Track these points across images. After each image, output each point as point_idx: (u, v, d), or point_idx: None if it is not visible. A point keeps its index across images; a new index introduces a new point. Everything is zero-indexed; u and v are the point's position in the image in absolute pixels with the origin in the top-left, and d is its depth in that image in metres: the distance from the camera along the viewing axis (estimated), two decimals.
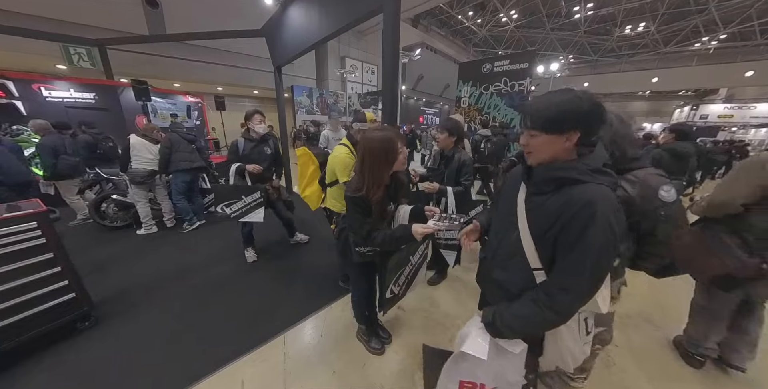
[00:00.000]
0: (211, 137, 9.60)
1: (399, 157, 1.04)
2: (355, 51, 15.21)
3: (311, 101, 12.71)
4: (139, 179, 2.89)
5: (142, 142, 2.95)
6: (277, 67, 4.35)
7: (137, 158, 2.92)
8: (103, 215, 3.29)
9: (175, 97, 7.41)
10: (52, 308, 1.54)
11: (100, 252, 2.73)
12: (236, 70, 11.28)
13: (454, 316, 1.89)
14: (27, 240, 1.44)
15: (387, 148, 1.01)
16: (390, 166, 1.04)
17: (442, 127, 1.89)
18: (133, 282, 2.23)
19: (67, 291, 1.61)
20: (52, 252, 1.54)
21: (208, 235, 3.22)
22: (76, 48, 6.51)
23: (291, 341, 1.67)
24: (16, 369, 1.43)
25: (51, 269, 1.54)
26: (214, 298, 2.06)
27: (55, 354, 1.55)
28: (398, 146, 1.03)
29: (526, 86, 5.70)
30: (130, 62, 8.25)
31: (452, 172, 1.85)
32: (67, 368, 1.46)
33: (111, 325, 1.78)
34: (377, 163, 1.02)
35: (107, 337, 1.68)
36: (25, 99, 4.53)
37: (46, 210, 1.54)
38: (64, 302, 1.60)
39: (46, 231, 1.51)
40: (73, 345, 1.61)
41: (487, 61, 6.34)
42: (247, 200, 2.21)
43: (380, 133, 1.03)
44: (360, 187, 1.04)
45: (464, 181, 1.84)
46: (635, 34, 16.70)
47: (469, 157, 1.85)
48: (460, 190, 1.83)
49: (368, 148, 1.02)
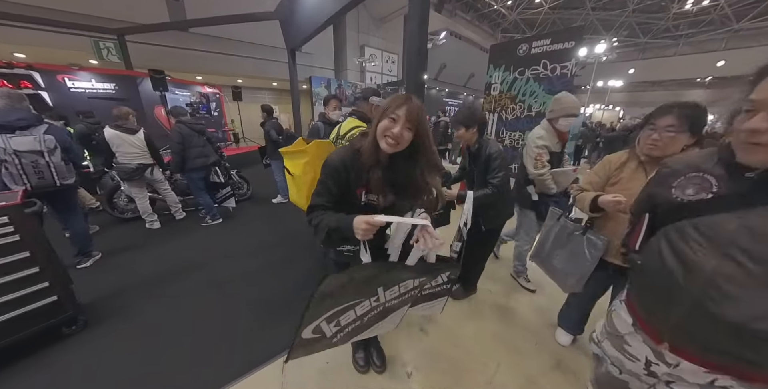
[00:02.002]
0: (229, 129, 9.72)
1: (396, 119, 0.76)
2: (375, 39, 14.72)
3: (329, 92, 12.48)
4: (125, 175, 2.68)
5: (118, 135, 2.60)
6: (291, 50, 4.09)
7: (120, 153, 2.66)
8: (114, 206, 3.26)
9: (193, 87, 7.47)
10: (29, 313, 1.39)
11: (106, 247, 2.65)
12: (255, 62, 11.29)
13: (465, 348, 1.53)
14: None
15: (387, 103, 0.79)
16: (377, 123, 0.78)
17: (456, 122, 1.55)
18: (132, 281, 2.10)
19: (47, 294, 1.46)
20: (28, 251, 1.37)
21: (217, 232, 3.09)
22: (105, 42, 6.72)
23: (289, 366, 1.41)
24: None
25: (27, 270, 1.38)
26: (211, 305, 1.87)
27: (33, 363, 1.40)
28: (399, 104, 0.76)
29: (570, 69, 4.99)
30: (152, 55, 8.43)
31: (480, 170, 1.53)
32: (45, 377, 1.31)
33: (99, 333, 1.62)
34: (374, 122, 0.81)
35: (92, 347, 1.52)
36: (50, 90, 4.66)
37: (20, 202, 1.37)
38: (45, 306, 1.44)
39: (20, 227, 1.35)
40: (53, 352, 1.47)
41: (523, 42, 5.65)
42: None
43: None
44: (358, 144, 0.85)
45: (491, 179, 1.46)
46: (698, 9, 14.53)
47: (497, 149, 1.47)
48: (485, 193, 1.46)
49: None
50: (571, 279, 1.23)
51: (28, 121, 1.82)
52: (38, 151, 1.82)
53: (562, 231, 1.28)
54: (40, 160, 1.83)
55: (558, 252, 1.30)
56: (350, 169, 0.82)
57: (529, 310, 1.82)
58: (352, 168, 0.82)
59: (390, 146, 0.77)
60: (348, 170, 0.82)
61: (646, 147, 1.01)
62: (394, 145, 0.76)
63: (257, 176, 4.69)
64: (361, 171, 0.82)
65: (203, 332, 1.63)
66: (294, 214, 3.63)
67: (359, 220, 0.69)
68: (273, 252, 2.61)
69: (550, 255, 1.34)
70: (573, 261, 1.21)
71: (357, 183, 0.83)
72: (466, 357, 1.47)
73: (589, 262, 1.15)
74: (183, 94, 7.22)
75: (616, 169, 1.12)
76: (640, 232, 0.75)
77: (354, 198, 0.85)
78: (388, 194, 0.87)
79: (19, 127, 1.78)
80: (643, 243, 0.74)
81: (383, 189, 0.84)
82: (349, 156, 0.82)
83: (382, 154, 0.80)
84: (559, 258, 1.29)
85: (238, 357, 1.45)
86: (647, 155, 1.02)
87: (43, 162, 1.84)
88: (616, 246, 1.07)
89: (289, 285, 2.08)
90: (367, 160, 0.80)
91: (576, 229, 1.22)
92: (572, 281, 1.23)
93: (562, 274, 1.29)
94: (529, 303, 1.90)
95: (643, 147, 1.03)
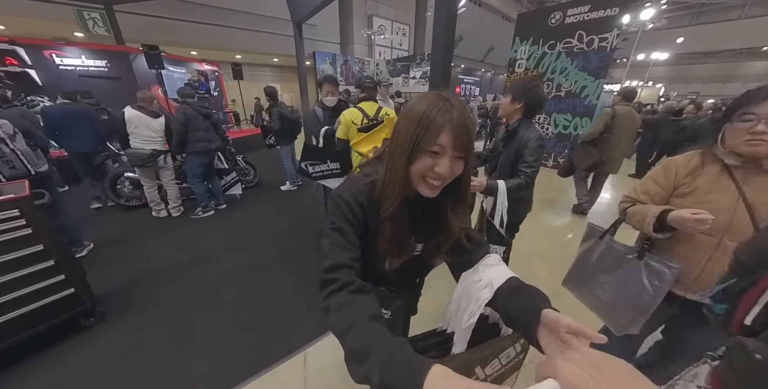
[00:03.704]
0: (230, 110, 9.63)
1: (436, 155, 0.51)
2: (384, 8, 13.95)
3: (335, 69, 12.08)
4: (137, 162, 2.69)
5: (139, 116, 2.66)
6: (297, 23, 3.89)
7: (135, 135, 2.68)
8: (118, 193, 3.32)
9: (190, 64, 7.30)
10: (48, 306, 1.44)
11: (112, 236, 2.72)
12: (255, 35, 10.90)
13: None
14: (9, 230, 1.30)
15: (413, 127, 0.51)
16: (408, 161, 0.53)
17: (507, 90, 1.45)
18: (141, 272, 2.17)
19: (64, 287, 1.51)
20: (41, 244, 1.40)
21: (224, 220, 3.12)
22: (89, 12, 6.53)
23: (313, 360, 1.45)
24: (11, 369, 1.38)
25: (42, 263, 1.41)
26: (227, 296, 1.93)
27: (56, 355, 1.48)
28: (439, 127, 0.49)
29: (611, 41, 4.61)
30: (142, 27, 8.20)
31: (509, 154, 1.40)
32: (64, 370, 1.39)
33: (117, 324, 1.70)
34: (395, 149, 0.55)
35: (110, 337, 1.60)
36: (38, 67, 4.61)
37: (29, 194, 1.38)
38: (63, 298, 1.50)
39: (31, 220, 1.36)
40: (74, 344, 1.55)
41: (557, 9, 5.21)
42: (330, 166, 2.20)
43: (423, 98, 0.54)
44: (372, 174, 0.61)
45: (525, 167, 1.33)
46: None
47: (539, 136, 1.35)
48: (518, 183, 1.33)
49: (398, 121, 0.57)
50: (623, 317, 1.00)
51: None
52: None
53: (609, 253, 1.05)
54: (3, 148, 1.73)
55: (603, 279, 1.05)
56: (368, 213, 0.59)
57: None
58: (370, 212, 0.59)
59: (432, 190, 0.54)
60: (366, 214, 0.59)
61: (745, 145, 0.76)
62: (438, 186, 0.54)
63: (263, 161, 4.67)
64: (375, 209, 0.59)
65: (221, 325, 1.68)
66: (304, 202, 3.64)
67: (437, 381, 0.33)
68: (285, 242, 2.64)
69: (592, 282, 1.10)
70: (625, 293, 0.98)
71: (376, 234, 0.61)
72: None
73: (650, 297, 0.91)
74: (179, 71, 7.09)
75: (687, 176, 0.91)
76: (756, 301, 0.52)
77: (368, 253, 0.61)
78: (413, 246, 0.66)
79: None
80: (762, 317, 0.52)
81: (408, 243, 0.64)
82: (365, 195, 0.59)
83: (414, 198, 0.59)
84: (604, 287, 1.05)
85: (258, 352, 1.49)
86: (745, 156, 0.78)
87: (7, 150, 1.74)
88: (691, 277, 0.90)
89: (305, 276, 2.11)
90: (389, 206, 0.57)
91: (629, 252, 0.99)
92: (625, 319, 0.99)
93: (609, 309, 1.05)
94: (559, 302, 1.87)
95: (737, 145, 0.78)
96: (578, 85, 5.10)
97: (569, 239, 2.78)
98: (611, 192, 4.29)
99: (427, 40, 14.21)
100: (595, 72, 4.84)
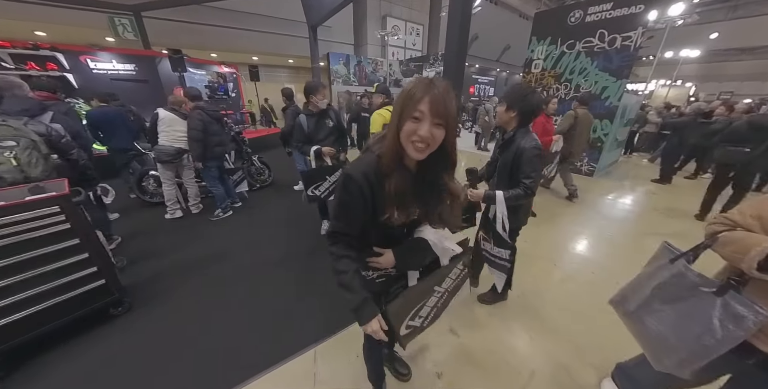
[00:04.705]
0: (246, 110, 9.93)
1: (410, 116, 0.63)
2: (398, 8, 13.97)
3: (348, 70, 12.22)
4: (165, 157, 2.86)
5: (171, 117, 2.89)
6: (312, 27, 3.98)
7: (165, 134, 2.87)
8: (144, 190, 3.52)
9: (210, 67, 7.60)
10: (80, 295, 1.57)
11: (137, 231, 2.89)
12: (272, 37, 11.22)
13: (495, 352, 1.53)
14: (49, 225, 1.42)
15: (401, 101, 0.65)
16: (398, 128, 0.66)
17: (501, 97, 1.46)
18: (162, 266, 2.30)
19: (96, 278, 1.63)
20: (77, 238, 1.53)
21: (240, 220, 3.25)
22: (120, 19, 6.97)
23: (322, 357, 1.50)
24: (43, 357, 1.51)
25: (78, 255, 1.54)
26: (242, 293, 2.01)
27: (89, 339, 1.61)
28: (419, 97, 0.62)
29: (635, 40, 4.43)
30: (166, 32, 8.62)
31: (506, 162, 1.42)
32: (98, 354, 1.51)
33: (142, 314, 1.82)
34: (392, 120, 0.69)
35: (137, 327, 1.72)
36: (75, 71, 4.96)
37: (68, 192, 1.51)
38: (94, 289, 1.62)
39: (70, 216, 1.49)
40: (104, 332, 1.67)
41: (577, 8, 5.07)
42: (331, 180, 2.27)
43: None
44: (377, 149, 0.74)
45: (523, 178, 1.35)
46: None
47: (535, 145, 1.35)
48: (516, 194, 1.36)
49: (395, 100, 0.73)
50: (670, 355, 0.86)
51: (33, 111, 1.86)
52: None
53: (676, 281, 0.88)
54: None
55: (660, 307, 0.90)
56: (375, 186, 0.71)
57: (573, 321, 1.77)
58: (377, 184, 0.71)
59: (419, 152, 0.65)
60: (373, 188, 0.71)
61: None
62: (423, 148, 0.65)
63: (278, 161, 4.81)
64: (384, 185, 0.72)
65: (235, 319, 1.77)
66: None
67: (372, 322, 0.76)
68: (297, 241, 2.72)
69: (645, 307, 0.95)
70: (683, 329, 0.83)
71: (384, 201, 0.73)
72: (499, 361, 1.49)
73: (716, 342, 0.76)
74: (200, 73, 7.40)
75: None
76: None
77: (377, 221, 0.76)
78: (416, 209, 0.78)
79: (26, 116, 1.77)
80: None
81: (412, 204, 0.76)
82: (372, 168, 0.71)
83: (409, 161, 0.72)
84: (658, 316, 0.90)
85: (268, 347, 1.56)
86: None
87: None
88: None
89: (317, 274, 2.18)
90: (389, 170, 0.70)
91: (705, 284, 0.82)
92: (672, 359, 0.85)
93: (656, 341, 0.91)
94: (570, 309, 1.84)
95: None
96: (598, 86, 4.93)
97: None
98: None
99: (441, 39, 14.09)
100: (617, 72, 4.67)
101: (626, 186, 4.79)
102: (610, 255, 2.52)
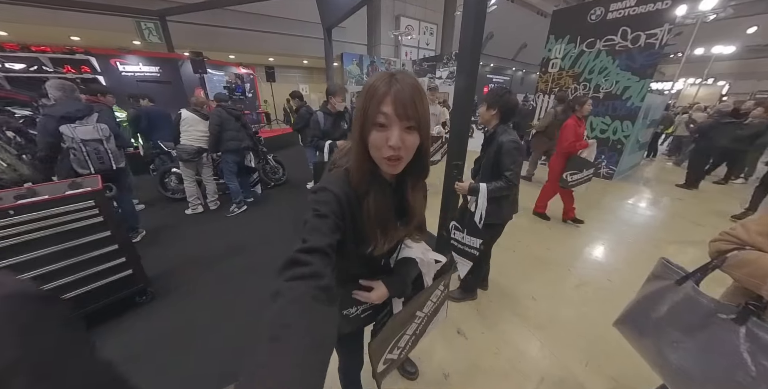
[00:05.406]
0: (262, 110, 10.21)
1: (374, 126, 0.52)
2: (412, 8, 13.94)
3: (361, 70, 12.32)
4: (186, 156, 3.02)
5: (193, 117, 3.04)
6: (327, 29, 4.06)
7: (187, 133, 3.03)
8: (166, 186, 3.71)
9: (228, 68, 7.87)
10: (110, 284, 1.69)
11: (159, 225, 3.05)
12: (288, 38, 11.51)
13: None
14: (85, 218, 1.54)
15: (362, 100, 0.53)
16: (363, 133, 0.54)
17: (481, 99, 1.61)
18: (184, 259, 2.42)
19: (125, 268, 1.75)
20: (109, 230, 1.64)
21: (255, 216, 3.36)
22: (146, 23, 7.35)
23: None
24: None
25: (109, 246, 1.66)
26: (253, 286, 2.09)
27: (118, 324, 1.73)
28: (381, 96, 0.50)
29: (660, 37, 4.24)
30: (189, 35, 9.00)
31: (489, 157, 1.54)
32: (127, 338, 1.62)
33: (166, 304, 1.93)
34: (354, 125, 0.57)
35: (161, 315, 1.83)
36: (105, 74, 5.29)
37: (101, 188, 1.63)
38: (123, 278, 1.74)
39: (103, 209, 1.60)
40: (131, 318, 1.79)
41: (597, 5, 4.90)
42: None
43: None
44: (345, 163, 0.63)
45: (505, 171, 1.46)
46: None
47: (512, 139, 1.45)
48: (499, 186, 1.46)
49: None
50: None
51: (84, 112, 2.13)
52: (98, 140, 2.16)
53: (688, 306, 0.78)
54: (100, 147, 2.16)
55: (677, 336, 0.79)
56: (354, 206, 0.60)
57: (587, 329, 1.74)
58: (356, 205, 0.60)
59: (392, 166, 0.55)
60: (352, 207, 0.60)
61: None
62: (397, 162, 0.54)
63: (291, 159, 4.94)
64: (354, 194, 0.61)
65: (247, 312, 1.84)
66: None
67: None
68: None
69: (659, 335, 0.84)
70: (708, 363, 0.73)
71: (364, 227, 0.62)
72: (508, 366, 1.48)
73: (751, 379, 0.66)
74: (219, 74, 7.68)
75: None
76: None
77: (359, 254, 0.65)
78: (400, 232, 0.67)
79: (78, 117, 2.09)
80: None
81: (394, 226, 0.65)
82: (345, 188, 0.59)
83: (384, 172, 0.60)
84: (677, 348, 0.79)
85: None
86: None
87: (102, 148, 2.17)
88: None
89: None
90: (362, 189, 0.59)
91: (721, 310, 0.72)
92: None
93: (679, 377, 0.79)
94: (583, 316, 1.81)
95: None
96: (619, 86, 4.75)
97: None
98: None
99: (455, 39, 13.97)
100: (641, 71, 4.48)
101: (648, 190, 4.61)
102: (628, 262, 2.45)
